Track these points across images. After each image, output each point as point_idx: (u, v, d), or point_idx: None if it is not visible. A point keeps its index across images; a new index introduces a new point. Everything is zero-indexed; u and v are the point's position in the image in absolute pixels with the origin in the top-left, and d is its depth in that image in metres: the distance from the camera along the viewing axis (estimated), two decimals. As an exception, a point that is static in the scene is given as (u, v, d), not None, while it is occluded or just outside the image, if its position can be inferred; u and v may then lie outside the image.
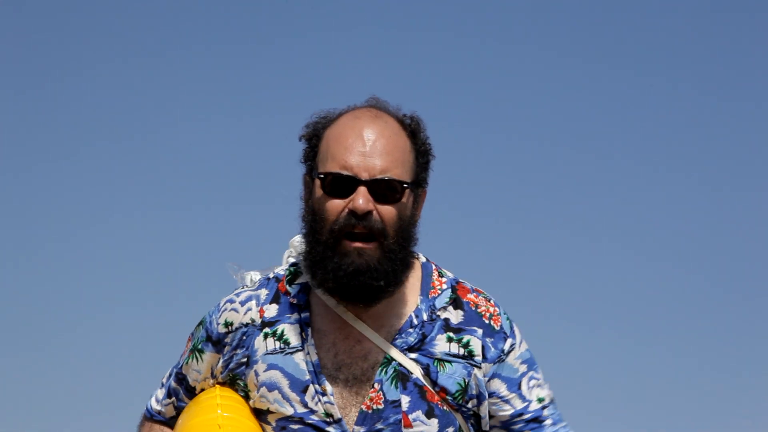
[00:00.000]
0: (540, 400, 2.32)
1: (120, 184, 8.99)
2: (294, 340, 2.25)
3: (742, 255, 9.04)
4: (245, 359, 2.28)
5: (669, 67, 9.23)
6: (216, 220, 8.76)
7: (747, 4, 9.14)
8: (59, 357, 8.60)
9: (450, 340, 2.27)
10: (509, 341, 2.32)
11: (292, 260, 2.42)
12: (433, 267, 2.36)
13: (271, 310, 2.29)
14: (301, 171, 2.33)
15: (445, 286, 2.33)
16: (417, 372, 2.23)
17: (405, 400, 2.21)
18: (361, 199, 2.17)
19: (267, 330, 2.27)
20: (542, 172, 9.18)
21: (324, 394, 2.21)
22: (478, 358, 2.28)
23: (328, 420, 2.21)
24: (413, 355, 2.24)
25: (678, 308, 8.91)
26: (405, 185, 2.21)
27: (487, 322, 2.31)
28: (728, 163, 9.20)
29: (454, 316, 2.30)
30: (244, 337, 2.29)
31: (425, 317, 2.27)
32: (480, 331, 2.29)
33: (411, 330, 2.25)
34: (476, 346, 2.28)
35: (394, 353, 2.23)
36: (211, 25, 9.06)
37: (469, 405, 2.28)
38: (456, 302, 2.31)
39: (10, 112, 8.88)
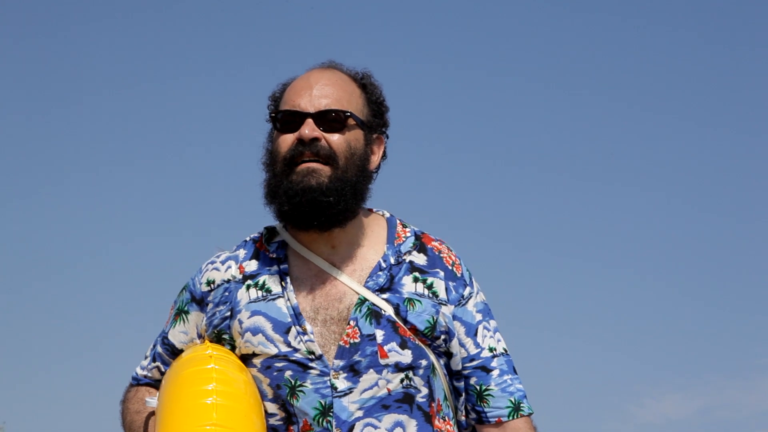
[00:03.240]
0: (491, 350, 2.48)
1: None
2: (275, 288, 2.43)
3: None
4: (229, 312, 2.44)
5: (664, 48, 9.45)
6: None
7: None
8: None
9: (416, 280, 2.44)
10: (468, 289, 2.49)
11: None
12: (398, 220, 2.54)
13: (252, 266, 2.47)
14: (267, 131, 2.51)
15: (408, 234, 2.51)
16: (389, 310, 2.39)
17: (380, 334, 2.37)
18: (307, 128, 2.38)
19: (249, 282, 2.45)
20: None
21: (305, 333, 2.37)
22: (443, 297, 2.45)
23: (310, 357, 2.36)
24: (385, 296, 2.40)
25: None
26: (347, 114, 2.41)
27: (450, 267, 2.49)
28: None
29: (419, 259, 2.48)
30: (226, 293, 2.46)
31: (392, 261, 2.44)
32: (442, 274, 2.47)
33: (380, 273, 2.43)
34: (440, 287, 2.45)
35: (367, 294, 2.40)
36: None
37: (439, 342, 2.43)
38: (420, 247, 2.49)
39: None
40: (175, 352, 2.52)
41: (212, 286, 2.48)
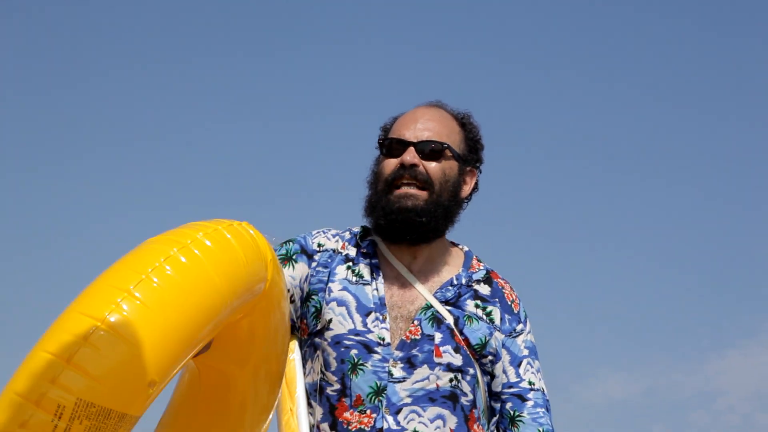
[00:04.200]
0: (530, 383, 2.77)
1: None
2: (366, 276, 2.76)
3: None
4: (326, 278, 2.75)
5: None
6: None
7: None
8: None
9: (477, 306, 2.78)
10: (521, 326, 2.82)
11: None
12: (474, 255, 2.90)
13: (352, 251, 2.81)
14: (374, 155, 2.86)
15: (482, 268, 2.87)
16: (450, 319, 2.72)
17: (438, 336, 2.68)
18: (409, 155, 2.73)
19: (349, 264, 2.78)
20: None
21: (384, 321, 2.69)
22: (497, 324, 2.77)
23: (379, 341, 2.67)
24: (448, 308, 2.74)
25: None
26: (445, 146, 2.75)
27: (509, 303, 2.82)
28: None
29: (484, 290, 2.81)
30: (329, 260, 2.78)
31: (464, 282, 2.79)
32: (500, 305, 2.80)
33: (450, 288, 2.77)
34: (496, 315, 2.78)
35: (434, 302, 2.73)
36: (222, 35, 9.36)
37: (486, 361, 2.73)
38: (488, 280, 2.84)
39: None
40: None
41: (321, 248, 2.80)
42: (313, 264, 2.79)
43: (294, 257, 2.79)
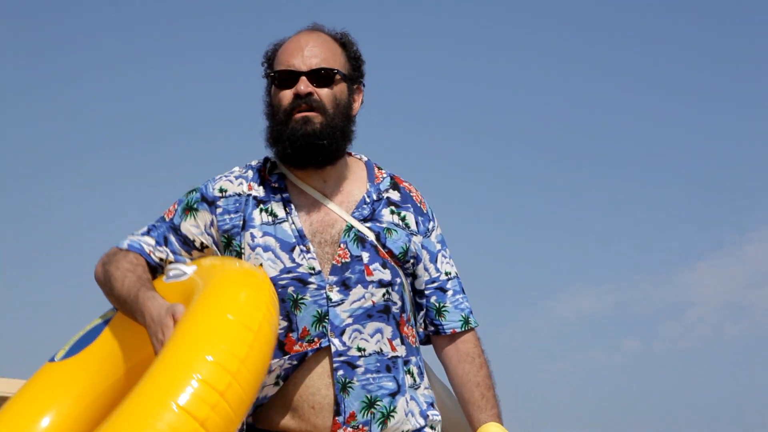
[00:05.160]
0: (447, 274, 3.02)
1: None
2: (280, 213, 2.88)
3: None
4: (241, 222, 2.87)
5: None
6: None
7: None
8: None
9: (392, 213, 2.95)
10: (431, 223, 3.03)
11: None
12: (374, 164, 3.06)
13: (260, 191, 2.92)
14: (263, 87, 2.95)
15: (385, 176, 3.04)
16: (371, 237, 2.88)
17: (365, 256, 2.86)
18: (302, 85, 2.84)
19: (261, 206, 2.89)
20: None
21: (308, 252, 2.84)
22: (414, 229, 2.96)
23: (311, 272, 2.82)
24: (368, 225, 2.91)
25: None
26: (336, 72, 2.88)
27: (418, 204, 3.02)
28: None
29: (394, 195, 2.99)
30: (237, 204, 2.89)
31: (375, 197, 2.96)
32: (412, 209, 3.00)
33: (365, 206, 2.94)
34: (411, 220, 2.97)
35: (354, 222, 2.89)
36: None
37: (408, 265, 2.93)
38: (394, 186, 3.03)
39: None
40: (187, 242, 2.91)
41: (224, 194, 2.91)
42: (218, 210, 2.91)
43: (195, 206, 2.93)
